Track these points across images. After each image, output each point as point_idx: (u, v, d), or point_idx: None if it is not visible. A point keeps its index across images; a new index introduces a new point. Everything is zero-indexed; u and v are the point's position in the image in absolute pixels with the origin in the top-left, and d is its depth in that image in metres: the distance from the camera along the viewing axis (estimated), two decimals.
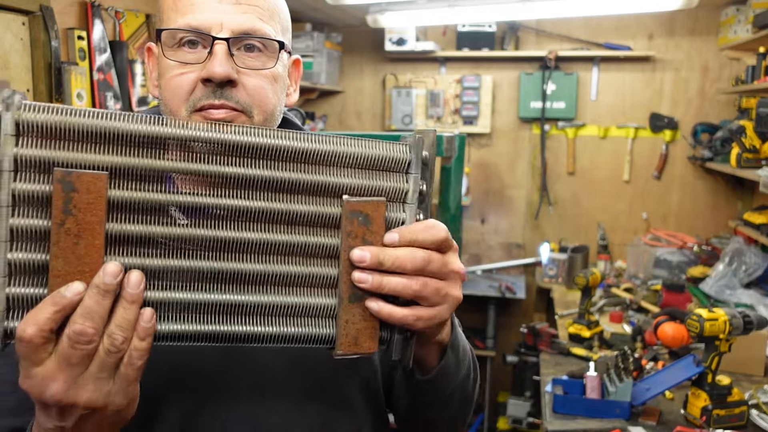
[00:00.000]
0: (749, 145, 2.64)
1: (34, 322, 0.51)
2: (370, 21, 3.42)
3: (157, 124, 0.58)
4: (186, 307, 0.59)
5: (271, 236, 0.61)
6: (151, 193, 0.58)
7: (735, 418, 1.72)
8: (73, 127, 0.56)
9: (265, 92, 0.80)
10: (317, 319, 0.64)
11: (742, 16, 3.25)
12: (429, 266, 0.63)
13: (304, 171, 0.62)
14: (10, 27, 2.21)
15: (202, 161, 0.59)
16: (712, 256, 3.31)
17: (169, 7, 0.80)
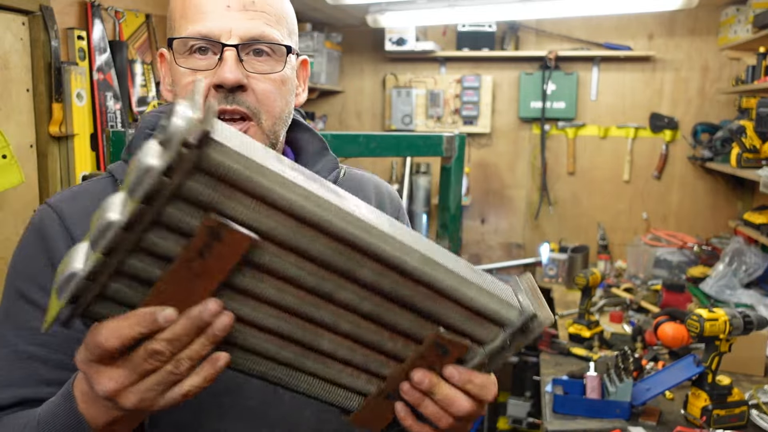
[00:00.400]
0: (749, 145, 2.64)
1: (118, 336, 0.53)
2: (370, 21, 3.42)
3: (360, 230, 0.57)
4: (252, 352, 0.62)
5: (354, 327, 0.63)
6: (287, 265, 0.58)
7: (735, 418, 1.72)
8: (261, 189, 0.53)
9: (273, 96, 0.83)
10: (351, 395, 0.68)
11: (742, 16, 3.25)
12: (468, 412, 0.67)
13: (417, 291, 0.63)
14: (10, 27, 2.21)
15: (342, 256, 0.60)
16: (712, 256, 3.31)
17: (180, 15, 0.82)
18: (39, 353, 0.78)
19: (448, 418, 0.67)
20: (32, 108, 2.31)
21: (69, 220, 0.82)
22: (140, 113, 2.84)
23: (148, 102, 2.89)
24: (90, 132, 2.47)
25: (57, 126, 2.32)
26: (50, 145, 2.34)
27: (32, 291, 0.80)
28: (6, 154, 2.08)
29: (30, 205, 2.33)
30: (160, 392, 0.57)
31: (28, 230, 0.85)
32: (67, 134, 2.35)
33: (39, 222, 0.84)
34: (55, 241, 0.81)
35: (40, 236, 0.82)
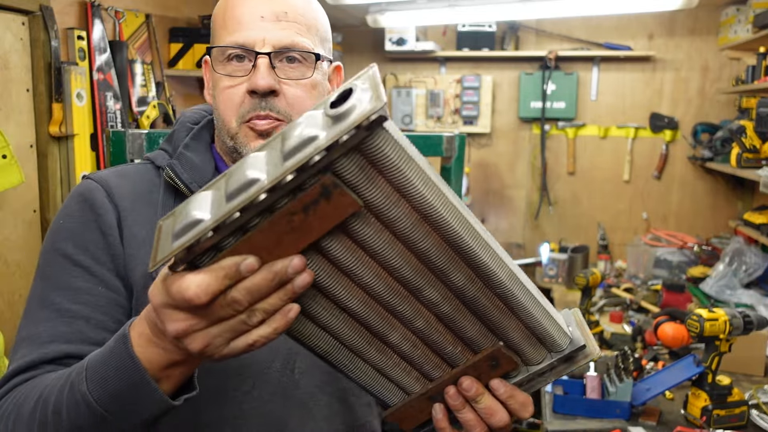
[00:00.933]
0: (749, 145, 2.64)
1: (206, 293, 0.53)
2: (370, 21, 3.42)
3: (472, 238, 0.60)
4: (324, 327, 0.62)
5: (426, 326, 0.64)
6: (392, 252, 0.59)
7: (735, 419, 1.72)
8: (403, 180, 0.55)
9: (302, 100, 0.88)
10: (396, 390, 0.69)
11: (742, 16, 3.24)
12: (502, 426, 0.69)
13: (494, 304, 0.65)
14: (10, 27, 2.21)
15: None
16: (712, 256, 3.31)
17: (219, 25, 0.89)
18: (83, 312, 0.81)
19: (484, 427, 0.69)
20: (32, 108, 2.31)
21: (116, 195, 0.87)
22: (140, 113, 2.84)
23: (148, 102, 2.89)
24: (90, 132, 2.47)
25: (57, 126, 2.32)
26: (50, 145, 2.34)
27: (78, 253, 0.84)
28: (6, 154, 2.08)
29: (30, 205, 2.33)
30: (228, 339, 0.57)
31: (73, 199, 0.88)
32: (67, 134, 2.35)
33: (86, 192, 0.88)
34: (104, 211, 0.86)
35: (87, 205, 0.86)
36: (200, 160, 0.92)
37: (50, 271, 0.84)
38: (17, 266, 2.28)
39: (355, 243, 0.58)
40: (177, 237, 0.54)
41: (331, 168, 0.53)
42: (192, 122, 0.97)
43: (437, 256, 0.60)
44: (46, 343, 0.79)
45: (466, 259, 0.61)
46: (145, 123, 2.85)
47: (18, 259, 2.27)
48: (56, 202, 2.36)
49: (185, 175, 0.89)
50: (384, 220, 0.57)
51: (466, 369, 0.67)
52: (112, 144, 1.33)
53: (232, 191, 0.53)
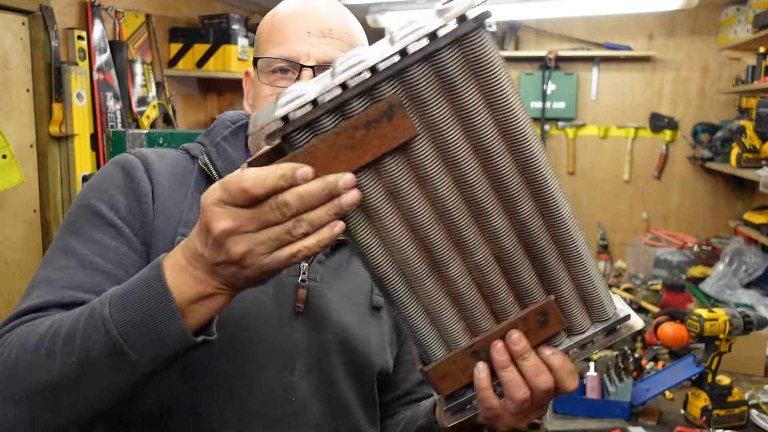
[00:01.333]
0: (749, 145, 2.64)
1: (263, 185, 0.55)
2: (370, 21, 3.41)
3: (545, 165, 0.61)
4: (383, 240, 0.62)
5: (486, 262, 0.64)
6: (469, 166, 0.60)
7: (735, 418, 1.72)
8: (499, 85, 0.57)
9: None
10: (440, 343, 0.67)
11: (742, 16, 3.24)
12: (544, 393, 0.67)
13: (551, 248, 0.64)
14: (10, 27, 2.21)
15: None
16: (712, 256, 3.31)
17: (265, 39, 0.92)
18: (106, 267, 0.81)
19: (526, 391, 0.66)
20: (32, 108, 2.31)
21: (154, 171, 0.89)
22: (140, 113, 2.84)
23: (148, 102, 2.90)
24: (90, 132, 2.47)
25: (57, 126, 2.32)
26: (50, 145, 2.34)
27: (110, 212, 0.85)
28: (6, 154, 2.08)
29: (30, 205, 2.33)
30: (271, 249, 0.57)
31: (112, 165, 0.90)
32: (67, 134, 2.35)
33: (126, 163, 0.90)
34: (141, 180, 0.88)
35: (125, 172, 0.88)
36: (236, 153, 0.93)
37: (79, 225, 0.84)
38: (17, 266, 2.28)
39: (424, 162, 0.59)
40: (280, 106, 0.56)
41: (432, 58, 0.56)
42: (231, 121, 0.99)
43: (510, 178, 0.60)
44: (64, 288, 0.78)
45: (535, 184, 0.61)
46: (145, 123, 2.85)
47: (18, 259, 2.28)
48: (56, 202, 2.36)
49: (219, 163, 0.91)
50: (469, 128, 0.58)
51: (515, 322, 0.65)
52: (112, 144, 1.34)
53: (342, 69, 0.56)
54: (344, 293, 0.94)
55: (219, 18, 3.03)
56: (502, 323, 0.66)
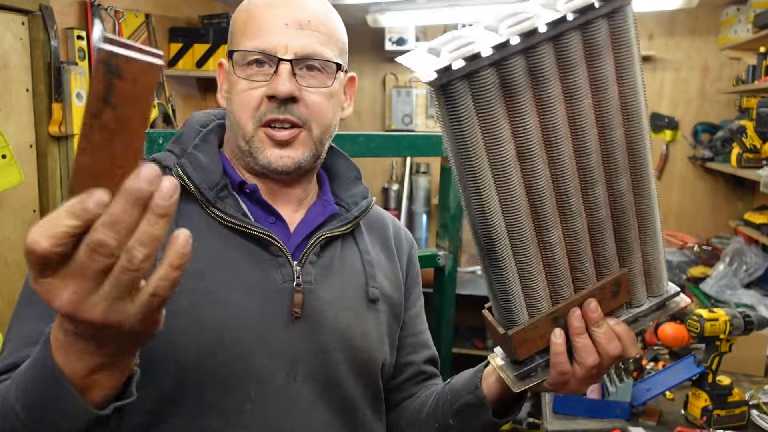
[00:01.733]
0: (750, 144, 2.63)
1: (50, 235, 0.45)
2: (370, 21, 3.41)
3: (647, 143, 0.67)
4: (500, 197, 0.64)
5: (579, 232, 0.67)
6: (586, 135, 0.65)
7: (735, 419, 1.72)
8: (631, 54, 0.63)
9: (323, 108, 0.90)
10: (524, 308, 0.69)
11: (742, 16, 3.24)
12: (612, 360, 0.72)
13: (633, 224, 0.68)
14: (10, 27, 2.21)
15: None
16: (713, 256, 3.31)
17: (240, 30, 0.90)
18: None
19: (596, 357, 0.71)
20: (32, 108, 2.31)
21: None
22: None
23: None
24: None
25: (57, 126, 2.32)
26: (50, 145, 2.34)
27: None
28: (6, 154, 2.07)
29: (30, 205, 2.33)
30: (124, 296, 0.48)
31: None
32: (66, 134, 2.35)
33: None
34: None
35: None
36: (209, 161, 0.91)
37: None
38: (17, 266, 2.28)
39: (556, 127, 0.62)
40: (445, 52, 0.56)
41: (586, 27, 0.59)
42: (200, 125, 0.97)
43: (618, 150, 0.63)
44: (28, 346, 0.74)
45: (636, 160, 0.65)
46: None
47: (18, 259, 2.27)
48: (56, 202, 2.36)
49: (195, 175, 0.88)
50: (597, 99, 0.62)
51: (593, 291, 0.69)
52: None
53: (504, 25, 0.57)
54: (339, 291, 0.93)
55: (219, 18, 3.03)
56: (581, 291, 0.70)
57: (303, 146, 0.90)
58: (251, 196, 0.92)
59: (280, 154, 0.89)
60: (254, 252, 0.89)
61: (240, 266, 0.87)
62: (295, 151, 0.89)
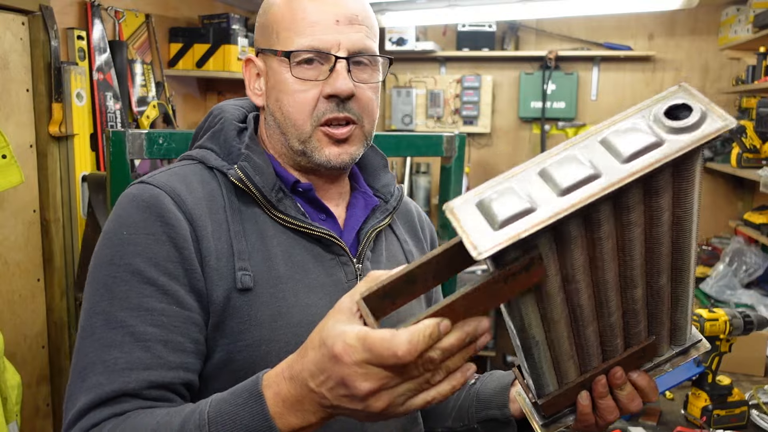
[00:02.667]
0: (749, 145, 2.63)
1: (414, 347, 0.54)
2: None
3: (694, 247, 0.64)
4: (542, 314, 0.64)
5: (615, 318, 0.66)
6: (635, 251, 0.61)
7: (735, 419, 1.72)
8: (693, 191, 0.58)
9: (373, 103, 0.91)
10: (554, 379, 0.71)
11: (742, 16, 3.24)
12: (634, 413, 0.76)
13: (667, 306, 0.68)
14: (10, 27, 2.21)
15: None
16: (713, 256, 3.31)
17: (286, 27, 0.87)
18: (159, 335, 0.75)
19: (618, 413, 0.76)
20: (32, 108, 2.31)
21: (187, 205, 0.81)
22: (140, 113, 2.84)
23: (147, 102, 2.89)
24: (90, 132, 2.47)
25: (57, 126, 2.32)
26: (50, 145, 2.34)
27: (149, 269, 0.77)
28: (6, 154, 2.07)
29: (30, 205, 2.32)
30: (409, 398, 0.58)
31: (134, 206, 0.80)
32: (66, 134, 2.35)
33: (151, 200, 0.80)
34: (176, 221, 0.79)
35: (155, 215, 0.79)
36: (263, 162, 0.88)
37: (117, 288, 0.76)
38: (17, 266, 2.28)
39: (605, 257, 0.60)
40: (504, 224, 0.52)
41: (652, 180, 0.55)
42: (238, 120, 0.94)
43: (664, 267, 0.63)
44: (125, 371, 0.73)
45: (679, 262, 0.64)
46: (145, 123, 2.85)
47: (18, 259, 2.27)
48: (56, 202, 2.36)
49: (257, 179, 0.85)
50: (650, 235, 0.59)
51: (620, 360, 0.71)
52: (112, 144, 1.33)
53: (568, 186, 0.52)
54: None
55: (219, 18, 3.03)
56: (611, 361, 0.71)
57: (358, 142, 0.90)
58: (303, 194, 0.91)
59: (338, 151, 0.88)
60: (318, 252, 0.89)
61: (308, 267, 0.87)
62: (352, 147, 0.89)
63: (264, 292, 0.82)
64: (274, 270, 0.84)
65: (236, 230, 0.83)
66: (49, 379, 2.39)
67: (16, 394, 1.67)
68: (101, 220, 2.17)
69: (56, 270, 2.36)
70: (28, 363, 2.30)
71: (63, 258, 2.38)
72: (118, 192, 1.31)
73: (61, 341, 2.38)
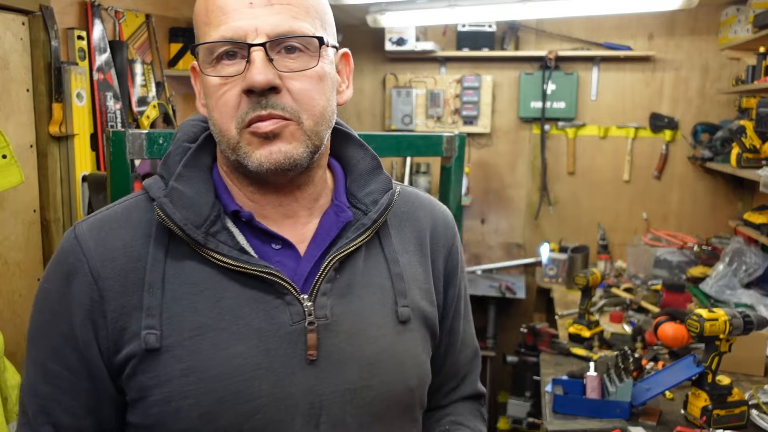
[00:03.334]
0: (749, 145, 2.64)
1: None
2: (370, 21, 3.41)
3: None
4: None
5: None
6: None
7: (735, 418, 1.72)
8: None
9: (311, 94, 0.76)
10: None
11: (742, 16, 3.24)
12: None
13: None
14: (10, 27, 2.21)
15: None
16: (712, 256, 3.31)
17: (203, 21, 0.76)
18: (53, 394, 0.80)
19: None
20: (32, 108, 2.31)
21: (97, 260, 0.77)
22: (140, 113, 2.84)
23: (148, 102, 2.90)
24: (90, 132, 2.47)
25: (57, 126, 2.32)
26: (50, 145, 2.34)
27: (51, 329, 0.79)
28: (6, 154, 2.07)
29: (30, 205, 2.33)
30: None
31: (56, 256, 0.81)
32: (67, 134, 2.35)
33: (64, 256, 0.79)
34: (79, 285, 0.77)
35: (64, 274, 0.78)
36: (195, 192, 0.78)
37: (34, 336, 0.81)
38: (17, 266, 2.28)
39: None
40: None
41: None
42: (189, 140, 0.84)
43: None
44: (36, 414, 0.80)
45: None
46: (145, 123, 2.85)
47: (18, 259, 2.27)
48: (56, 202, 2.36)
49: (178, 216, 0.76)
50: None
51: None
52: (112, 144, 1.33)
53: None
54: (363, 317, 0.81)
55: None
56: None
57: (295, 140, 0.76)
58: (248, 223, 0.80)
59: (269, 150, 0.75)
60: (257, 293, 0.77)
61: (240, 313, 0.77)
62: (285, 144, 0.75)
63: (176, 347, 0.75)
64: (194, 321, 0.76)
65: (152, 280, 0.76)
66: None
67: (16, 394, 1.67)
68: None
69: None
70: None
71: None
72: (118, 192, 1.32)
73: None
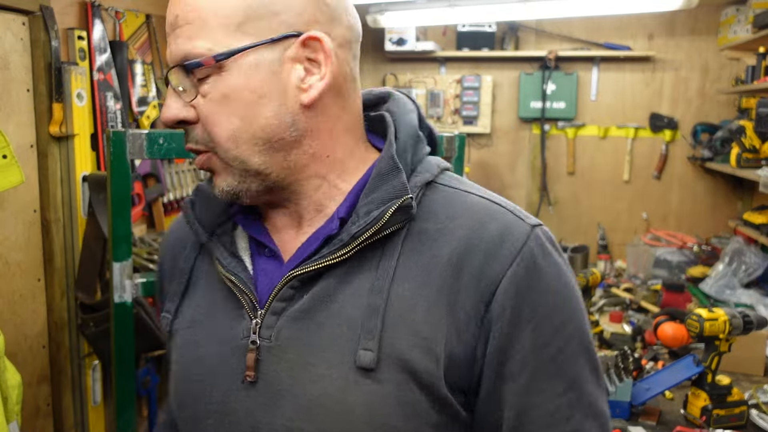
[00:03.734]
0: (749, 145, 2.64)
1: None
2: (370, 21, 3.41)
3: None
4: None
5: None
6: None
7: (735, 418, 1.72)
8: None
9: (214, 119, 0.68)
10: None
11: (742, 16, 3.25)
12: None
13: None
14: (10, 27, 2.21)
15: None
16: (712, 256, 3.31)
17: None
18: None
19: None
20: (32, 108, 2.31)
21: (164, 248, 0.91)
22: (140, 113, 2.84)
23: (148, 102, 2.90)
24: (90, 132, 2.47)
25: (57, 126, 2.32)
26: (50, 145, 2.34)
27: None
28: (6, 154, 2.08)
29: (30, 205, 2.33)
30: None
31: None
32: (67, 134, 2.35)
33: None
34: (159, 266, 0.92)
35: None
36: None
37: None
38: (17, 266, 2.28)
39: None
40: None
41: None
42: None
43: None
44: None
45: None
46: (146, 123, 2.85)
47: (18, 259, 2.27)
48: (56, 202, 2.36)
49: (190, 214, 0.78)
50: None
51: None
52: (112, 144, 1.34)
53: None
54: (313, 350, 0.68)
55: None
56: None
57: (223, 171, 0.70)
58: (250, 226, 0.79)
59: (215, 183, 0.72)
60: (230, 300, 0.74)
61: (217, 316, 0.76)
62: (219, 179, 0.71)
63: (177, 335, 0.81)
64: (192, 314, 0.79)
65: (182, 268, 0.81)
66: (50, 379, 2.39)
67: (16, 394, 1.67)
68: (101, 220, 2.17)
69: (57, 270, 2.37)
70: (29, 363, 2.30)
71: (63, 258, 2.38)
72: (118, 192, 1.32)
73: (61, 341, 2.38)
